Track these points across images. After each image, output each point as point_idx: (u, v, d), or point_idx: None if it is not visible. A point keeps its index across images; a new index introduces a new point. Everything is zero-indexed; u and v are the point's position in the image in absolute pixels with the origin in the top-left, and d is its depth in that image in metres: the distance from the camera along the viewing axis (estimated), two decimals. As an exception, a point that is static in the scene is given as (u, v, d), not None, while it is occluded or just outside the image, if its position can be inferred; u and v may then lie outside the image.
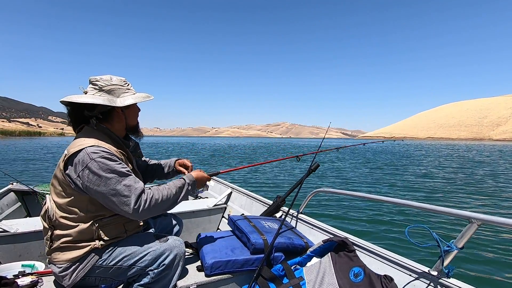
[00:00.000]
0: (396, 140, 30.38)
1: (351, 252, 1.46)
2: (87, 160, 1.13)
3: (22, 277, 1.36)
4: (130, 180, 1.18)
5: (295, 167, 13.52)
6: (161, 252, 1.27)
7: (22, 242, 1.91)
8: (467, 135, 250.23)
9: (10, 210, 2.82)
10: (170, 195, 1.26)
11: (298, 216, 2.05)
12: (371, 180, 10.04)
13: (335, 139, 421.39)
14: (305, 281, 1.45)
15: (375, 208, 5.70)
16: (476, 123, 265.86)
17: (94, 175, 1.13)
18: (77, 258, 1.19)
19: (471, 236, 1.07)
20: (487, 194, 7.34)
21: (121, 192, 1.14)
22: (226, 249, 1.58)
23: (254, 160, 18.58)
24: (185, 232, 2.51)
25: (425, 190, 8.01)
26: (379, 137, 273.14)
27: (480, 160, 19.10)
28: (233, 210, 2.78)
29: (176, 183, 1.33)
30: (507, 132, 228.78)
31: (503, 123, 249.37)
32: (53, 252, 1.21)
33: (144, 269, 1.25)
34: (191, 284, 1.38)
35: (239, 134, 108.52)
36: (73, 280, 1.19)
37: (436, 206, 1.19)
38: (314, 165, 2.16)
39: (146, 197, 1.18)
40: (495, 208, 5.97)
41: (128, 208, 1.15)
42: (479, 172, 12.20)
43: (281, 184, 8.90)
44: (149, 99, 1.35)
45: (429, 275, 1.16)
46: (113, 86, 1.27)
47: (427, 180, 10.03)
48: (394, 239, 4.03)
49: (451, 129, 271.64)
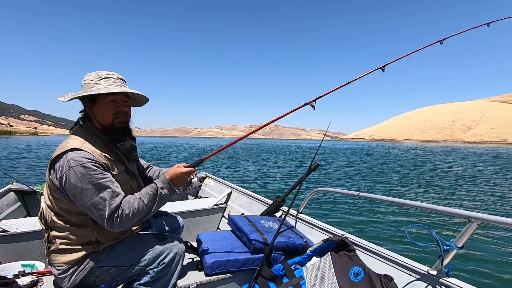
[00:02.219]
0: (376, 142, 33.07)
1: (351, 251, 1.46)
2: (66, 167, 1.09)
3: (22, 276, 1.36)
4: (107, 193, 1.12)
5: (295, 167, 13.53)
6: (160, 251, 1.27)
7: (22, 241, 1.91)
8: (441, 137, 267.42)
9: (10, 209, 2.81)
10: (142, 207, 1.18)
11: (298, 216, 2.05)
12: (364, 179, 10.51)
13: (317, 140, 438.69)
14: (305, 281, 1.45)
15: (375, 207, 5.71)
16: (449, 126, 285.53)
17: (71, 185, 1.09)
18: (75, 260, 1.18)
19: (471, 235, 1.07)
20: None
21: (96, 206, 1.10)
22: (226, 248, 1.58)
23: (238, 160, 19.09)
24: (185, 231, 2.51)
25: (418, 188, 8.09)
26: (359, 139, 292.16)
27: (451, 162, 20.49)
28: (233, 209, 2.78)
29: (147, 191, 1.22)
30: (477, 135, 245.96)
31: (473, 126, 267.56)
32: (52, 254, 1.20)
33: (144, 268, 1.25)
34: (191, 284, 1.38)
35: (222, 134, 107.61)
36: (72, 283, 1.19)
37: (436, 206, 1.19)
38: (313, 164, 2.16)
39: (118, 213, 1.13)
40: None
41: (102, 222, 1.12)
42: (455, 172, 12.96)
43: (281, 184, 8.91)
44: (93, 92, 1.18)
45: (429, 274, 1.16)
46: (85, 81, 1.22)
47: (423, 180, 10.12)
48: (394, 238, 4.03)
49: (427, 132, 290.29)
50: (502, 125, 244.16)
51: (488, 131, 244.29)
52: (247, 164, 15.90)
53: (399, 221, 4.86)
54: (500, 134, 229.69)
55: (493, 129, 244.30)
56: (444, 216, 4.94)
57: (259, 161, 18.51)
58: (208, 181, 3.62)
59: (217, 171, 12.12)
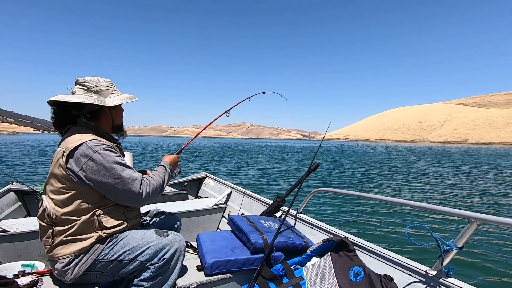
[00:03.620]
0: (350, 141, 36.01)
1: (351, 251, 1.47)
2: (90, 152, 1.19)
3: (22, 276, 1.36)
4: (131, 170, 1.28)
5: (295, 167, 13.52)
6: (161, 247, 1.28)
7: (22, 241, 1.91)
8: (410, 138, 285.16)
9: (10, 209, 2.81)
10: (159, 181, 1.38)
11: (298, 216, 2.05)
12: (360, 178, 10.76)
13: (294, 140, 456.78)
14: (305, 281, 1.45)
15: (374, 207, 5.71)
16: (417, 127, 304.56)
17: (99, 166, 1.19)
18: (80, 251, 1.21)
19: (471, 235, 1.08)
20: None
21: (125, 180, 1.23)
22: (226, 248, 1.58)
23: (211, 159, 19.61)
24: (185, 231, 2.51)
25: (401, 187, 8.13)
26: (334, 139, 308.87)
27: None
28: (233, 209, 2.78)
29: (161, 170, 1.46)
30: (442, 135, 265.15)
31: (439, 127, 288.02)
32: (55, 248, 1.22)
33: (145, 264, 1.26)
34: (191, 284, 1.38)
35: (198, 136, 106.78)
36: (75, 274, 1.21)
37: (436, 206, 1.19)
38: (313, 164, 2.16)
39: (147, 183, 1.30)
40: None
41: (133, 194, 1.25)
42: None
43: (281, 183, 8.92)
44: (134, 100, 1.44)
45: (429, 274, 1.16)
46: (101, 87, 1.34)
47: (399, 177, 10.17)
48: (393, 238, 4.03)
49: (397, 132, 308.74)
50: (463, 126, 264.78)
51: (452, 131, 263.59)
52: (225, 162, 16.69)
53: (399, 221, 4.86)
54: (462, 135, 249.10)
55: (455, 130, 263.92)
56: (444, 216, 4.94)
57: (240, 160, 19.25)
58: (208, 181, 3.62)
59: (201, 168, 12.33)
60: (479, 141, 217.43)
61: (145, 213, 1.69)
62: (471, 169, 15.40)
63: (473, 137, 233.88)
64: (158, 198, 3.06)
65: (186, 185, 3.69)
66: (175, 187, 3.63)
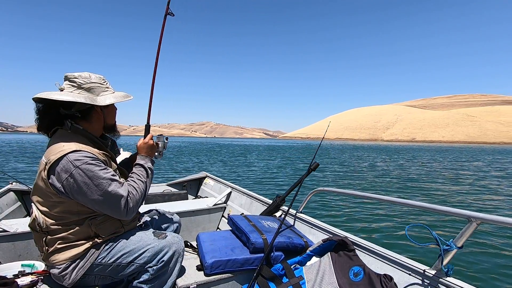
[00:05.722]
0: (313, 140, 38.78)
1: (350, 251, 1.46)
2: (71, 168, 1.10)
3: (22, 276, 1.36)
4: (115, 185, 1.17)
5: (295, 167, 13.53)
6: (160, 249, 1.27)
7: (21, 241, 1.91)
8: (366, 136, 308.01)
9: (9, 209, 2.81)
10: (143, 186, 1.30)
11: (297, 216, 2.05)
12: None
13: (258, 139, 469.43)
14: (305, 280, 1.45)
15: (374, 207, 5.71)
16: (372, 126, 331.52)
17: (79, 184, 1.10)
18: (76, 256, 1.18)
19: (471, 235, 1.07)
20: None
21: (108, 199, 1.15)
22: (226, 248, 1.58)
23: (181, 157, 20.05)
24: (185, 231, 2.51)
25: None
26: (297, 138, 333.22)
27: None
28: (233, 209, 2.78)
29: (138, 172, 1.33)
30: (393, 134, 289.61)
31: (391, 126, 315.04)
32: (51, 255, 1.20)
33: (143, 266, 1.25)
34: (191, 284, 1.38)
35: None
36: (73, 279, 1.19)
37: (436, 205, 1.19)
38: (313, 164, 2.16)
39: (130, 198, 1.21)
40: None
41: (119, 213, 1.19)
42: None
43: (281, 183, 8.92)
44: (129, 98, 1.33)
45: (429, 274, 1.16)
46: (92, 84, 1.23)
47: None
48: (393, 238, 4.03)
49: (354, 131, 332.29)
50: (411, 126, 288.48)
51: (402, 131, 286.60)
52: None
53: (399, 221, 4.85)
54: (410, 134, 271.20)
55: (405, 129, 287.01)
56: (444, 216, 4.94)
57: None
58: (208, 181, 3.62)
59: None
60: (425, 140, 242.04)
61: (145, 213, 1.67)
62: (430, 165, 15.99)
63: (420, 136, 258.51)
64: (158, 198, 3.05)
65: (186, 185, 3.69)
66: (175, 187, 3.63)
